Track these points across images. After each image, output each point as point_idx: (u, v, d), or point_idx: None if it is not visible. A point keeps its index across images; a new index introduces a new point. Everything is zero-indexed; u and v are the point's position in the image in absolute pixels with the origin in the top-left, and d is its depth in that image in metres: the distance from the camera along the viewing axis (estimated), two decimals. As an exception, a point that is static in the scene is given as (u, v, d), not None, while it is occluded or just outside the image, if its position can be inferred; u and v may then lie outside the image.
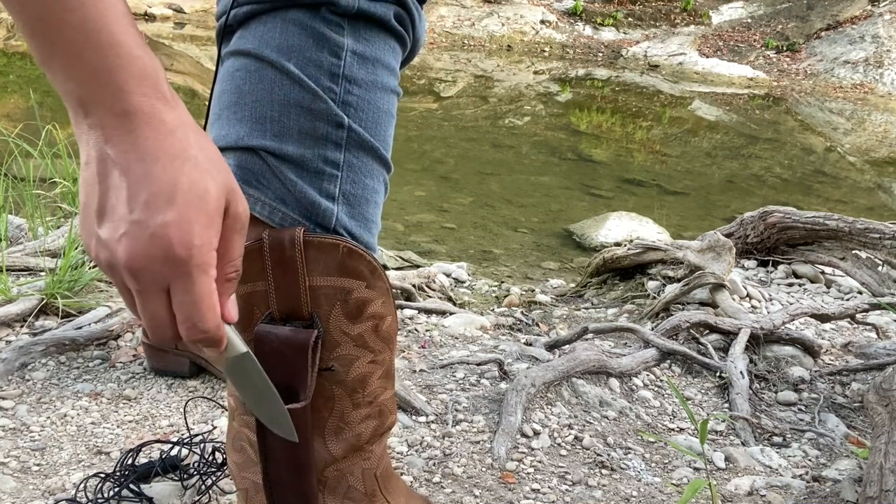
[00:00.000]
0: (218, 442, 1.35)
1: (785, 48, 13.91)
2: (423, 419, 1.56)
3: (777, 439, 1.68)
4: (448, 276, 2.95)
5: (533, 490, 1.37)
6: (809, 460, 1.60)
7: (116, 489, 1.21)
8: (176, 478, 1.27)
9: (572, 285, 3.05)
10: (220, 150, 0.71)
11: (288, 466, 0.71)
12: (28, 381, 1.59)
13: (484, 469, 1.41)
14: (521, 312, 2.53)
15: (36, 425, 1.44)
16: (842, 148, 8.66)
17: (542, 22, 15.21)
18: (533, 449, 1.50)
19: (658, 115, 9.85)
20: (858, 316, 2.43)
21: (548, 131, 8.11)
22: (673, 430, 1.70)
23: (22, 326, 1.79)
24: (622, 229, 4.15)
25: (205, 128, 0.76)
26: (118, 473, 1.24)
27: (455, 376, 1.77)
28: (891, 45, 13.08)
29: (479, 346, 2.00)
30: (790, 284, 2.84)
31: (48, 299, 1.82)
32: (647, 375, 1.90)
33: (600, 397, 1.72)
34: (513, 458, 1.46)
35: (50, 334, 1.70)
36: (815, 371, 1.99)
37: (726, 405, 1.82)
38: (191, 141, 0.52)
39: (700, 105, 10.90)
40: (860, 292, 2.73)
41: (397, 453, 1.44)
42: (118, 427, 1.46)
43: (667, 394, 1.84)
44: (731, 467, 1.54)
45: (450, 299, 2.60)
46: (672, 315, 2.23)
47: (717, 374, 1.93)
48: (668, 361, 1.98)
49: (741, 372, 1.88)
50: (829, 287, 2.86)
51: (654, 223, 4.28)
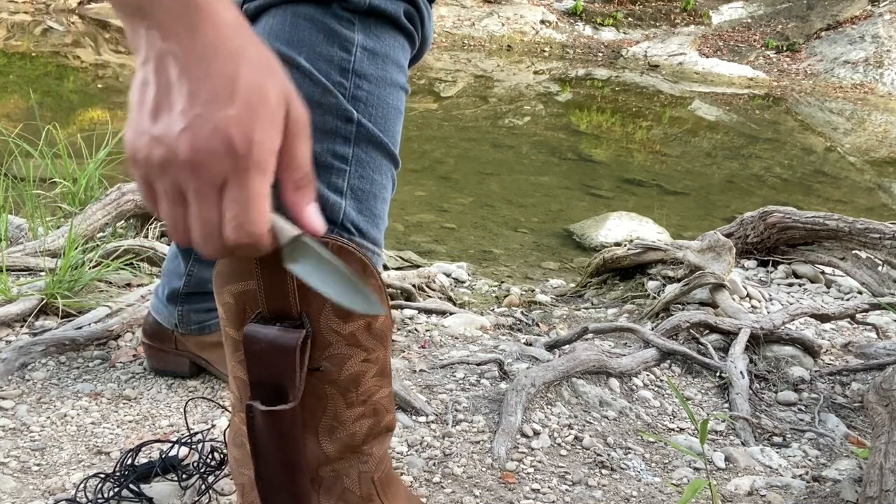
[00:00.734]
0: (217, 442, 1.35)
1: (785, 48, 13.91)
2: (423, 419, 1.56)
3: (777, 439, 1.68)
4: (448, 276, 2.95)
5: (533, 490, 1.37)
6: (809, 460, 1.60)
7: (116, 489, 1.21)
8: (176, 478, 1.27)
9: (572, 285, 3.05)
10: None
11: (279, 466, 0.71)
12: (28, 381, 1.59)
13: (484, 469, 1.41)
14: (521, 312, 2.53)
15: (36, 425, 1.44)
16: (842, 148, 8.66)
17: (542, 22, 15.21)
18: (533, 449, 1.50)
19: (658, 115, 9.85)
20: (858, 316, 2.43)
21: (548, 131, 8.11)
22: (673, 430, 1.70)
23: (22, 326, 1.79)
24: (622, 229, 4.15)
25: None
26: (118, 473, 1.24)
27: (455, 376, 1.77)
28: (891, 45, 13.08)
29: (479, 346, 2.00)
30: (790, 284, 2.84)
31: (48, 299, 1.82)
32: (647, 375, 1.90)
33: (600, 397, 1.72)
34: (513, 458, 1.46)
35: (50, 334, 1.70)
36: (815, 371, 1.99)
37: (726, 405, 1.82)
38: (249, 41, 0.51)
39: (700, 105, 10.90)
40: (860, 292, 2.73)
41: (397, 453, 1.44)
42: (118, 427, 1.46)
43: (667, 394, 1.84)
44: (731, 467, 1.54)
45: (450, 299, 2.60)
46: (672, 315, 2.23)
47: (717, 374, 1.93)
48: (668, 361, 1.98)
49: (741, 372, 1.88)
50: (829, 287, 2.86)
51: (654, 223, 4.28)
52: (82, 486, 1.22)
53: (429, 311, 2.27)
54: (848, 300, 2.65)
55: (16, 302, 1.81)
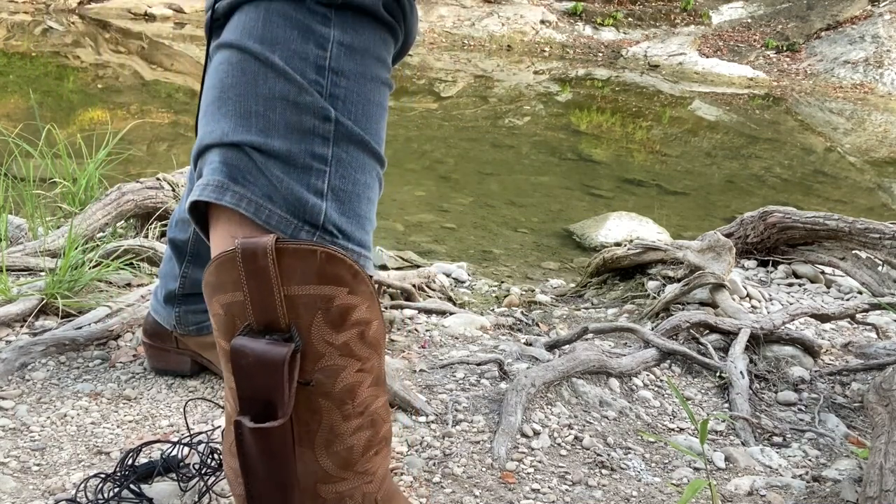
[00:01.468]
0: (218, 442, 1.35)
1: (785, 48, 13.91)
2: (423, 419, 1.56)
3: (777, 439, 1.68)
4: (448, 276, 2.94)
5: (533, 490, 1.37)
6: (809, 460, 1.60)
7: (116, 489, 1.21)
8: (176, 478, 1.27)
9: (572, 285, 3.05)
10: (207, 148, 0.69)
11: (270, 484, 0.68)
12: (28, 381, 1.59)
13: (484, 469, 1.41)
14: (521, 312, 2.53)
15: (36, 425, 1.44)
16: (842, 148, 8.66)
17: (542, 22, 15.21)
18: (533, 449, 1.50)
19: (658, 115, 9.85)
20: (858, 316, 2.43)
21: (548, 131, 8.11)
22: (673, 430, 1.70)
23: (22, 326, 1.79)
24: (622, 229, 4.15)
25: (196, 126, 0.74)
26: (118, 474, 1.24)
27: (455, 376, 1.77)
28: (891, 45, 13.08)
29: (479, 346, 2.00)
30: (790, 284, 2.84)
31: (48, 299, 1.82)
32: (647, 375, 1.90)
33: (600, 397, 1.72)
34: (513, 458, 1.46)
35: (50, 334, 1.70)
36: (815, 371, 1.99)
37: (726, 405, 1.82)
38: None
39: (700, 105, 10.90)
40: (860, 292, 2.73)
41: (397, 453, 1.44)
42: (118, 427, 1.46)
43: (667, 394, 1.84)
44: (731, 467, 1.54)
45: (450, 299, 2.60)
46: (672, 315, 2.23)
47: (717, 374, 1.93)
48: (668, 361, 1.98)
49: (741, 372, 1.88)
50: (829, 287, 2.86)
51: (654, 223, 4.28)
52: (82, 486, 1.22)
53: (429, 311, 2.27)
54: (848, 300, 2.65)
55: (16, 302, 1.81)
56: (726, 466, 1.54)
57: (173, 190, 2.50)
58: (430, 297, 2.53)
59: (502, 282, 3.16)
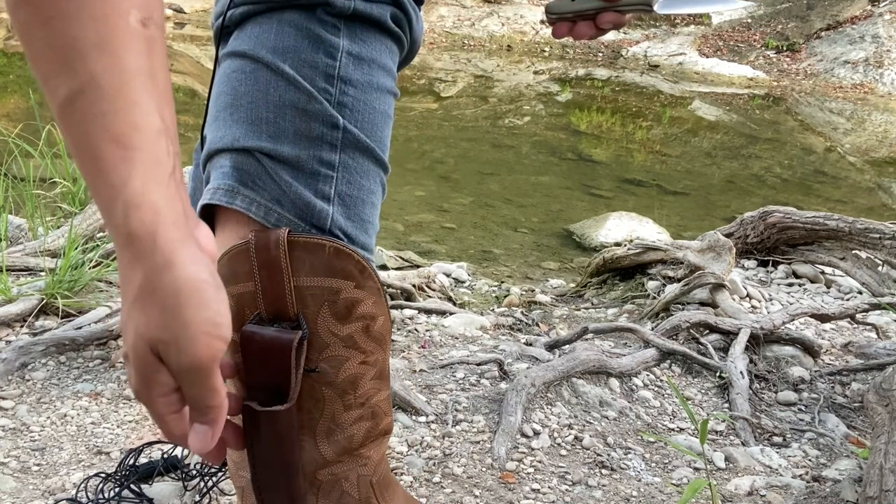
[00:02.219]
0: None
1: (785, 48, 13.91)
2: (423, 419, 1.56)
3: (777, 439, 1.68)
4: (448, 276, 2.94)
5: (533, 490, 1.37)
6: (809, 460, 1.60)
7: (117, 489, 1.21)
8: (177, 478, 1.27)
9: (572, 285, 3.05)
10: (217, 152, 0.71)
11: (276, 467, 0.71)
12: (28, 381, 1.59)
13: (484, 469, 1.41)
14: (521, 312, 2.53)
15: (36, 425, 1.44)
16: (842, 148, 8.66)
17: (543, 22, 15.20)
18: (533, 449, 1.50)
19: (658, 115, 9.85)
20: (858, 316, 2.43)
21: (548, 131, 8.11)
22: (673, 430, 1.70)
23: (22, 326, 1.79)
24: (622, 229, 4.15)
25: (202, 129, 0.76)
26: (119, 473, 1.24)
27: (455, 376, 1.77)
28: (891, 45, 13.08)
29: (479, 346, 2.00)
30: (790, 284, 2.84)
31: (48, 299, 1.82)
32: (647, 375, 1.90)
33: (600, 397, 1.72)
34: (513, 458, 1.46)
35: (50, 334, 1.70)
36: (815, 371, 1.99)
37: (726, 405, 1.82)
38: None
39: (700, 105, 10.90)
40: (860, 292, 2.73)
41: (397, 453, 1.44)
42: (118, 427, 1.46)
43: (667, 394, 1.84)
44: (731, 467, 1.54)
45: (450, 299, 2.60)
46: (672, 315, 2.23)
47: (717, 374, 1.93)
48: (668, 361, 1.98)
49: (741, 372, 1.88)
50: (829, 287, 2.86)
51: (654, 223, 4.28)
52: (83, 485, 1.22)
53: (429, 311, 2.27)
54: (848, 300, 2.65)
55: (16, 302, 1.81)
56: (726, 466, 1.54)
57: (173, 190, 2.49)
58: (430, 297, 2.53)
59: (502, 282, 3.16)
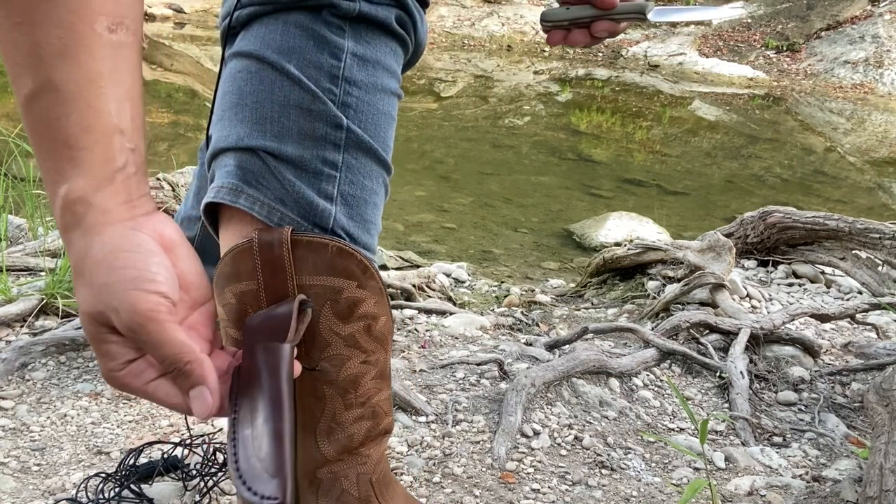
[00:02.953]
0: (218, 443, 1.35)
1: (785, 48, 13.91)
2: (423, 419, 1.56)
3: (777, 439, 1.68)
4: (448, 276, 2.95)
5: (533, 490, 1.37)
6: (809, 460, 1.60)
7: (117, 489, 1.21)
8: (177, 478, 1.27)
9: (572, 285, 3.05)
10: (221, 151, 0.71)
11: (261, 396, 0.66)
12: (28, 381, 1.59)
13: (484, 469, 1.41)
14: (521, 312, 2.53)
15: (36, 425, 1.44)
16: (842, 148, 8.66)
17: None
18: (533, 449, 1.50)
19: (658, 115, 9.85)
20: (858, 316, 2.43)
21: (548, 131, 8.11)
22: (673, 430, 1.70)
23: (22, 326, 1.79)
24: (622, 229, 4.15)
25: (208, 129, 0.76)
26: (119, 473, 1.24)
27: (455, 376, 1.77)
28: (891, 45, 13.08)
29: (479, 346, 2.00)
30: (790, 284, 2.84)
31: (48, 299, 1.82)
32: (647, 375, 1.90)
33: (600, 397, 1.72)
34: (513, 458, 1.46)
35: (50, 334, 1.70)
36: (815, 371, 1.99)
37: (726, 405, 1.82)
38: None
39: (700, 105, 10.90)
40: (860, 292, 2.73)
41: (397, 453, 1.44)
42: (118, 427, 1.46)
43: (667, 394, 1.84)
44: (731, 467, 1.54)
45: (450, 299, 2.60)
46: (672, 315, 2.23)
47: (717, 374, 1.93)
48: (668, 361, 1.98)
49: (741, 372, 1.88)
50: (829, 287, 2.86)
51: (654, 223, 4.28)
52: (83, 485, 1.22)
53: (429, 311, 2.27)
54: (848, 300, 2.65)
55: (16, 302, 1.81)
56: (726, 466, 1.54)
57: (173, 190, 2.50)
58: (430, 297, 2.53)
59: (502, 282, 3.16)
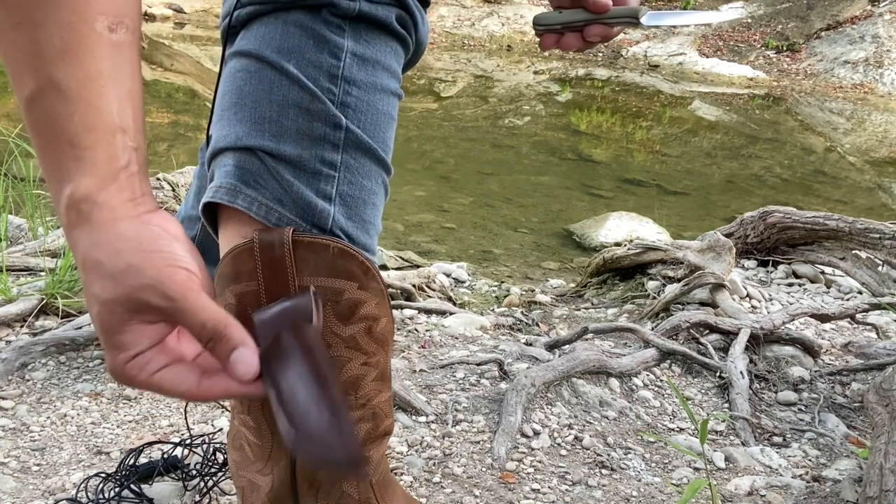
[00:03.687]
0: (218, 442, 1.35)
1: (785, 48, 13.91)
2: (423, 419, 1.56)
3: (777, 439, 1.68)
4: (448, 276, 2.95)
5: (533, 490, 1.37)
6: (809, 460, 1.60)
7: (117, 489, 1.21)
8: (177, 478, 1.27)
9: (572, 285, 3.05)
10: (220, 151, 0.71)
11: (309, 380, 0.62)
12: (28, 381, 1.59)
13: (484, 469, 1.41)
14: (521, 312, 2.53)
15: (36, 425, 1.44)
16: (842, 148, 8.66)
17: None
18: (533, 449, 1.50)
19: (658, 115, 9.85)
20: (858, 316, 2.43)
21: (548, 131, 8.11)
22: (673, 430, 1.70)
23: (22, 326, 1.79)
24: (622, 229, 4.15)
25: (208, 129, 0.76)
26: (119, 473, 1.24)
27: (455, 376, 1.77)
28: (891, 45, 13.08)
29: (479, 346, 2.00)
30: (790, 284, 2.84)
31: (48, 299, 1.82)
32: (647, 375, 1.90)
33: (600, 397, 1.72)
34: (513, 458, 1.46)
35: (50, 334, 1.70)
36: (815, 371, 1.99)
37: (726, 405, 1.82)
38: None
39: (700, 105, 10.90)
40: (860, 292, 2.73)
41: (397, 453, 1.44)
42: (118, 427, 1.46)
43: (667, 394, 1.84)
44: (731, 467, 1.54)
45: (450, 299, 2.60)
46: (672, 315, 2.23)
47: (717, 374, 1.93)
48: (668, 361, 1.98)
49: (741, 372, 1.88)
50: (829, 287, 2.86)
51: (654, 223, 4.28)
52: (83, 485, 1.22)
53: (429, 311, 2.27)
54: (848, 300, 2.65)
55: (16, 302, 1.81)
56: (726, 466, 1.54)
57: (173, 190, 2.50)
58: (430, 297, 2.53)
59: (502, 282, 3.16)
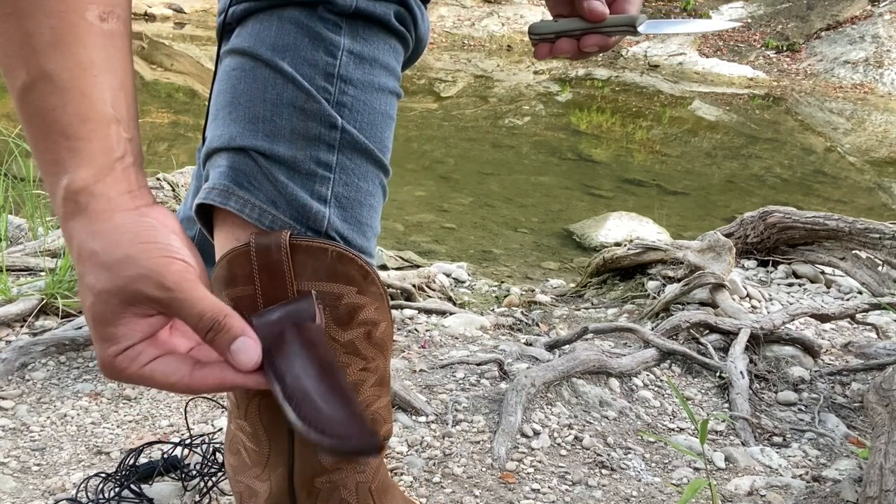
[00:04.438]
0: (218, 442, 1.35)
1: (785, 48, 13.91)
2: (423, 419, 1.56)
3: (777, 439, 1.68)
4: (448, 276, 2.95)
5: (533, 490, 1.37)
6: (809, 460, 1.60)
7: (117, 489, 1.21)
8: (177, 478, 1.27)
9: (572, 285, 3.05)
10: (215, 151, 0.70)
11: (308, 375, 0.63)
12: (28, 381, 1.59)
13: (484, 469, 1.41)
14: (521, 312, 2.53)
15: (36, 425, 1.44)
16: (842, 148, 8.66)
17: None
18: (533, 449, 1.50)
19: (658, 115, 9.85)
20: (858, 316, 2.43)
21: (548, 131, 8.11)
22: (673, 430, 1.70)
23: (22, 326, 1.79)
24: (622, 229, 4.15)
25: (204, 129, 0.74)
26: (119, 473, 1.24)
27: (455, 376, 1.77)
28: (891, 45, 13.08)
29: (479, 346, 2.00)
30: (790, 284, 2.84)
31: (48, 299, 1.82)
32: (647, 375, 1.90)
33: (600, 397, 1.72)
34: (513, 458, 1.46)
35: (50, 334, 1.70)
36: (815, 371, 1.99)
37: (726, 405, 1.82)
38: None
39: (700, 105, 10.90)
40: (860, 292, 2.73)
41: (397, 453, 1.44)
42: (118, 427, 1.46)
43: (667, 394, 1.84)
44: (731, 467, 1.54)
45: (450, 299, 2.60)
46: (672, 315, 2.23)
47: (717, 374, 1.93)
48: (668, 361, 1.98)
49: (741, 372, 1.88)
50: (829, 287, 2.86)
51: (654, 223, 4.28)
52: (83, 485, 1.22)
53: (429, 311, 2.27)
54: (848, 300, 2.65)
55: (16, 302, 1.81)
56: (726, 466, 1.54)
57: (173, 190, 2.50)
58: (430, 297, 2.53)
59: (502, 282, 3.16)
